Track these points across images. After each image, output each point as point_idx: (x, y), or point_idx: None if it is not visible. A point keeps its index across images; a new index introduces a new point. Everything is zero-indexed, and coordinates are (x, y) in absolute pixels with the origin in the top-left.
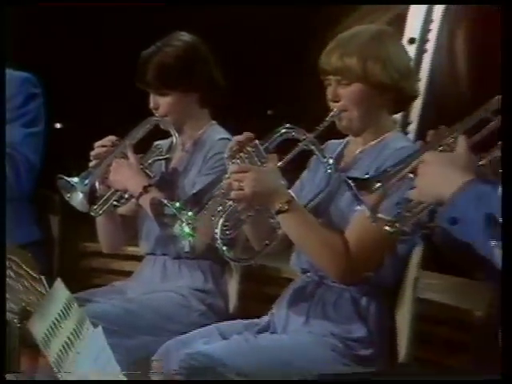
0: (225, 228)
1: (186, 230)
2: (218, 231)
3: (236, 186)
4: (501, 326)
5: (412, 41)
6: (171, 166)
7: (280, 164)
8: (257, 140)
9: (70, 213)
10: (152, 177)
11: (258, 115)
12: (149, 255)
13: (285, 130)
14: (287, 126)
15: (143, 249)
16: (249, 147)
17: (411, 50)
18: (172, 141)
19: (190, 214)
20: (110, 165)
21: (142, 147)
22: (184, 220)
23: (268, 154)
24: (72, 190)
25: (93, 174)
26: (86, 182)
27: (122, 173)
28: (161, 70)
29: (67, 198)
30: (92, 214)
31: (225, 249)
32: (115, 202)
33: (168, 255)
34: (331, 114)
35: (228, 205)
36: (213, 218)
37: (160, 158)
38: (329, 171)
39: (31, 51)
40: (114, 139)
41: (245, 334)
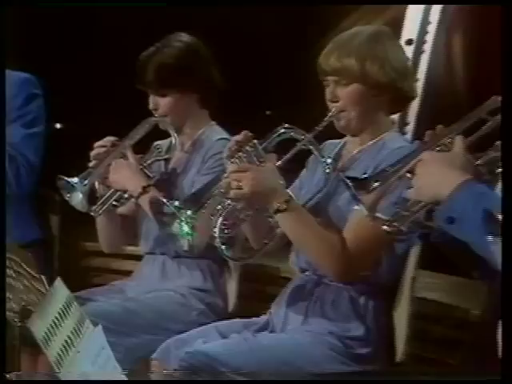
0: (223, 227)
1: (185, 228)
2: (216, 230)
3: (235, 186)
4: (501, 326)
5: (410, 42)
6: (170, 166)
7: (279, 163)
8: (255, 140)
9: (70, 212)
10: (151, 177)
11: (256, 115)
12: (148, 255)
13: (283, 129)
14: (286, 125)
15: (143, 248)
16: (247, 147)
17: (409, 51)
18: (171, 141)
19: (189, 212)
20: (109, 165)
21: (141, 147)
22: (183, 219)
23: (267, 153)
24: (72, 190)
25: (92, 174)
26: (86, 182)
27: (121, 173)
28: (160, 71)
29: (67, 198)
30: (92, 213)
31: (223, 248)
32: (115, 202)
33: (167, 255)
34: (330, 115)
35: (227, 204)
36: (212, 216)
37: (159, 158)
38: (327, 171)
39: (31, 51)
40: (113, 140)
41: (244, 332)
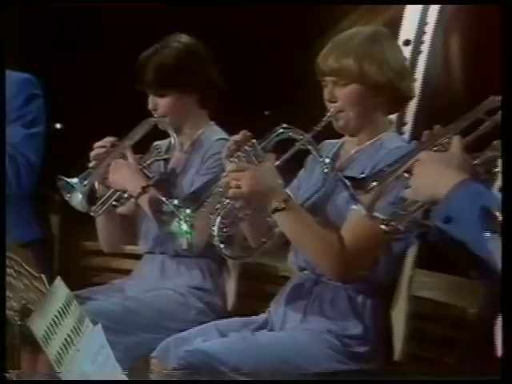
0: (222, 226)
1: (184, 227)
2: (215, 229)
3: (233, 185)
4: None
5: (407, 42)
6: (170, 166)
7: (277, 163)
8: (254, 139)
9: (70, 212)
10: (151, 177)
11: (255, 116)
12: (147, 254)
13: (282, 129)
14: (284, 125)
15: (142, 247)
16: (246, 146)
17: (407, 52)
18: (170, 141)
19: (188, 211)
20: (109, 165)
21: (141, 148)
22: (182, 217)
23: (265, 153)
24: (72, 190)
25: (92, 174)
26: (86, 182)
27: (121, 173)
28: (159, 72)
29: (67, 198)
30: (92, 213)
31: (222, 246)
32: (114, 202)
33: (166, 254)
34: (328, 115)
35: (226, 203)
36: (210, 215)
37: (159, 158)
38: (325, 171)
39: (31, 51)
40: (113, 140)
41: (243, 331)
